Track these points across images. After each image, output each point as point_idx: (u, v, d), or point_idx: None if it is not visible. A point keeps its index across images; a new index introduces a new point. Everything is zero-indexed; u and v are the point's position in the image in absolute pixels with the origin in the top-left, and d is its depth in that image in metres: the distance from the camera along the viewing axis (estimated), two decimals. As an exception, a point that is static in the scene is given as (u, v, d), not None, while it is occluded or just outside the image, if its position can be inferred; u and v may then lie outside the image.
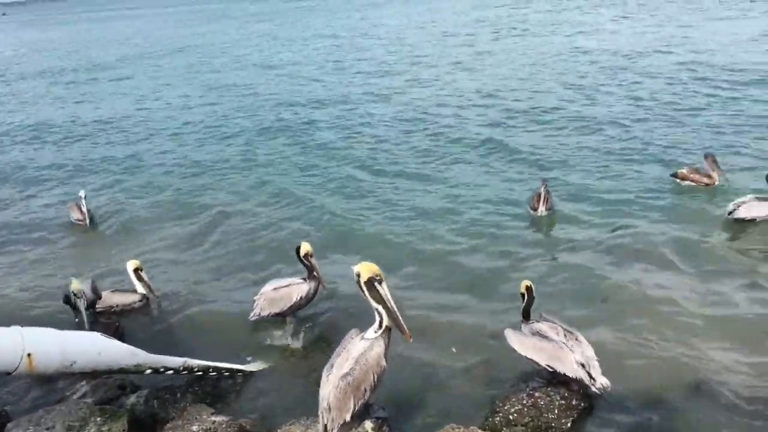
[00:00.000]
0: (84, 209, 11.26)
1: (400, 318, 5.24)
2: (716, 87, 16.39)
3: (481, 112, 16.57)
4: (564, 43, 26.00)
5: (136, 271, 8.30)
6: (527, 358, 5.89)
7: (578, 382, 5.64)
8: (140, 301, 8.34)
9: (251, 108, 19.93)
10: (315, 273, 7.31)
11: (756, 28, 24.21)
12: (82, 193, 11.43)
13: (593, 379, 5.56)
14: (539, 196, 9.85)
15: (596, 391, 5.58)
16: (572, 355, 5.64)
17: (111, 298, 8.17)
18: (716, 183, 10.13)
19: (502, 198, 10.94)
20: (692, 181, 10.20)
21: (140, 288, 8.34)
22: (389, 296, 5.26)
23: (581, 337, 5.86)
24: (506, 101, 17.46)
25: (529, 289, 6.12)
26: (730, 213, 8.99)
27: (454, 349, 6.89)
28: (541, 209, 9.76)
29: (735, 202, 9.00)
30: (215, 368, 6.54)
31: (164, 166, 14.77)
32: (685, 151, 12.06)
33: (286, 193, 12.11)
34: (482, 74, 21.70)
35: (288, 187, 12.43)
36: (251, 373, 6.74)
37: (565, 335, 5.84)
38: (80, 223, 11.30)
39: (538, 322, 6.08)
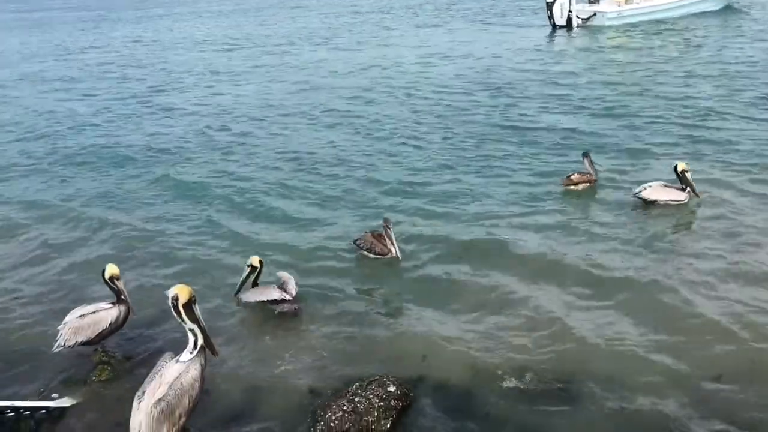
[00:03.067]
0: None
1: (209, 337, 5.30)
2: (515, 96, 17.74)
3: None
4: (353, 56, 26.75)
5: None
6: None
7: None
8: None
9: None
10: (123, 296, 6.92)
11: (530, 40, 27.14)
12: None
13: None
14: (381, 236, 8.70)
15: None
16: None
17: None
18: (595, 179, 10.68)
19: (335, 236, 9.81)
20: (584, 182, 10.56)
21: None
22: (201, 316, 5.29)
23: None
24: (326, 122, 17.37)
25: (261, 262, 7.88)
26: (635, 194, 9.82)
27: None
28: (395, 251, 8.64)
29: (643, 185, 9.84)
30: (13, 408, 5.98)
31: None
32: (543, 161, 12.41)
33: (81, 213, 11.28)
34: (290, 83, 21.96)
35: (81, 206, 11.60)
36: (57, 409, 6.19)
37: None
38: None
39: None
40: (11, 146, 16.05)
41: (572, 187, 10.62)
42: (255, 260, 7.92)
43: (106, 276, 6.87)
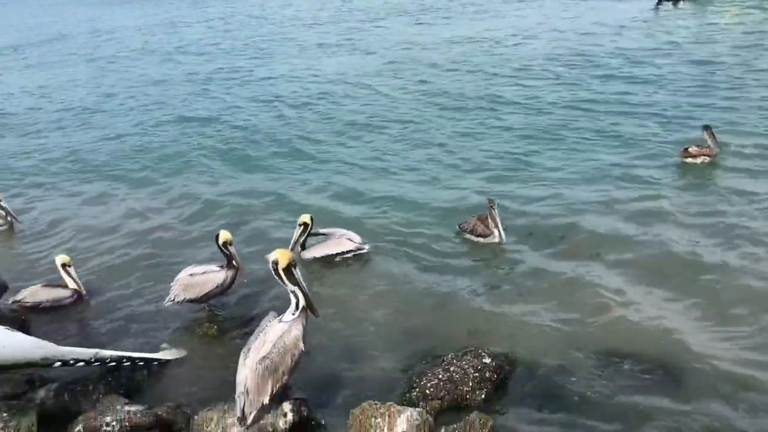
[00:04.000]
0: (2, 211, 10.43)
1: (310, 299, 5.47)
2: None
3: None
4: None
5: (64, 266, 7.88)
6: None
7: None
8: (71, 297, 7.90)
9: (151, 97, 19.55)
10: (234, 262, 7.23)
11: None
12: None
13: None
14: (485, 219, 8.39)
15: None
16: None
17: (39, 293, 7.85)
18: (715, 154, 10.12)
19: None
20: (703, 156, 10.02)
21: (71, 283, 7.92)
22: (301, 279, 5.42)
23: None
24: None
25: (312, 219, 8.17)
26: None
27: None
28: (498, 234, 8.35)
29: None
30: (129, 358, 6.37)
31: (78, 159, 14.26)
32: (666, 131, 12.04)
33: (192, 187, 11.88)
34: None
35: (205, 178, 12.24)
36: (167, 361, 6.59)
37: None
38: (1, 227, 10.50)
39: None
40: (117, 122, 17.09)
41: (689, 159, 9.98)
42: (306, 218, 8.17)
43: (220, 242, 7.19)
